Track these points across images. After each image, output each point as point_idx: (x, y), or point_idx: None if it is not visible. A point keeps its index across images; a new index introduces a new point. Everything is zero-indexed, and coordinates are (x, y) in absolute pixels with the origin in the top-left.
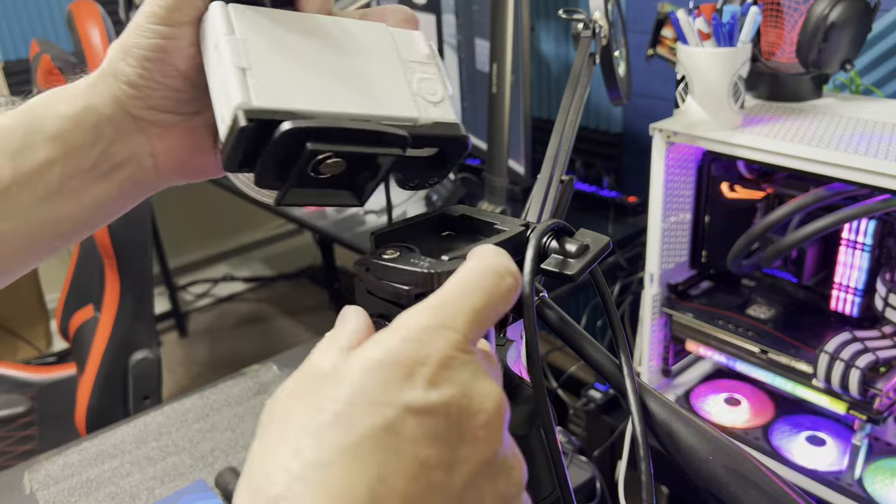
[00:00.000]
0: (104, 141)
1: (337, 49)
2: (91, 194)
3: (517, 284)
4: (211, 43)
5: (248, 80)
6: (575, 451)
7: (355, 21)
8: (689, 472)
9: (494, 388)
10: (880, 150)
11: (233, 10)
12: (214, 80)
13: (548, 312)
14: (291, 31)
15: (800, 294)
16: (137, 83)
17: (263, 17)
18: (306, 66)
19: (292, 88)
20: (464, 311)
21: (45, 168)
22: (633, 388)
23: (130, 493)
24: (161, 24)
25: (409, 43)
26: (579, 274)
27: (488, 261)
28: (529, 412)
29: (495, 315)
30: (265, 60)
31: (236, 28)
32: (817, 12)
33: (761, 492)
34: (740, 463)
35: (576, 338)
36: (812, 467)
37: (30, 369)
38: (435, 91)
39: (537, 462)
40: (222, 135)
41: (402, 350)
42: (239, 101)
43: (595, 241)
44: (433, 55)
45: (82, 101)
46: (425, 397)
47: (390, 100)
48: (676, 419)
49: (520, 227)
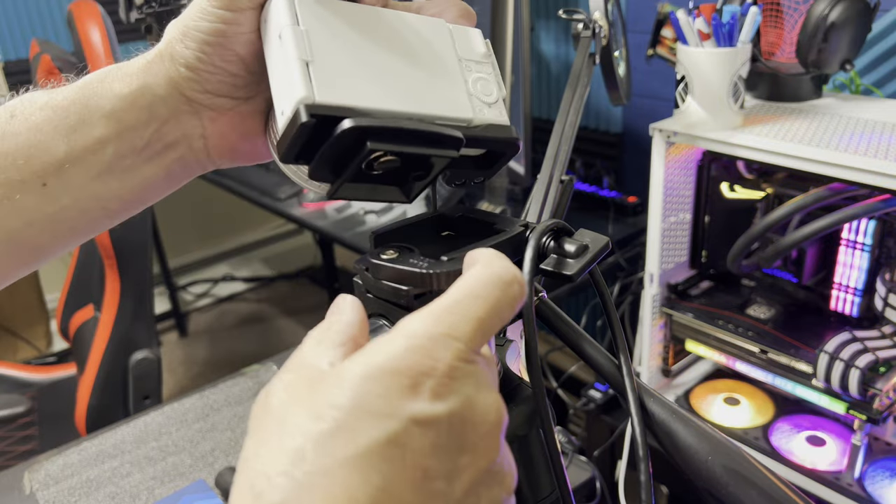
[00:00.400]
0: (157, 121)
1: (398, 45)
2: (140, 174)
3: (523, 293)
4: (274, 31)
5: (311, 73)
6: (575, 451)
7: (415, 16)
8: (689, 471)
9: (495, 397)
10: (880, 150)
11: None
12: (275, 68)
13: (547, 312)
14: (354, 24)
15: (800, 294)
16: (195, 66)
17: (327, 9)
18: (368, 61)
19: (353, 84)
20: (469, 319)
21: (99, 146)
22: (632, 388)
23: (130, 493)
24: (225, 8)
25: (467, 40)
26: (578, 274)
27: (495, 268)
28: (529, 412)
29: (500, 323)
30: (328, 54)
31: (301, 18)
32: (817, 12)
33: (760, 491)
34: (739, 463)
35: (575, 338)
36: (812, 467)
37: (30, 369)
38: (490, 92)
39: (536, 462)
40: (281, 126)
41: (407, 359)
42: (302, 95)
43: (594, 242)
44: (489, 54)
45: (138, 81)
46: (431, 409)
47: (447, 99)
48: (675, 419)
49: (519, 228)
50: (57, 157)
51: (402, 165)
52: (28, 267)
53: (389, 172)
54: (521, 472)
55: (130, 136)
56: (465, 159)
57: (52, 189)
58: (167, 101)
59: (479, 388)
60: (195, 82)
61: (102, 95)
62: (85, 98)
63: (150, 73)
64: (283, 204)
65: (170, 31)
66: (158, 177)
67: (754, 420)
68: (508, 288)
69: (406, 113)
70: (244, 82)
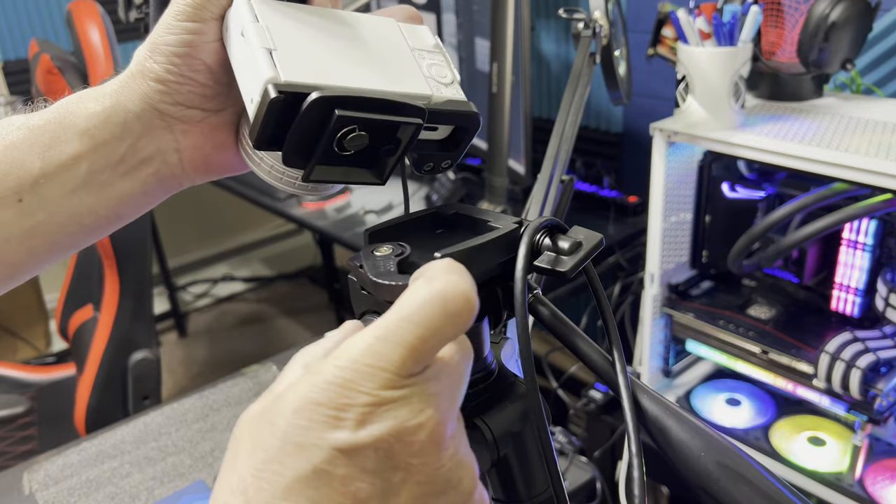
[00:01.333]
0: (131, 136)
1: (353, 35)
2: (116, 189)
3: (469, 306)
4: (236, 32)
5: (274, 59)
6: (575, 452)
7: (366, 15)
8: (680, 467)
9: (430, 414)
10: (881, 150)
11: (255, 2)
12: (241, 66)
13: (541, 309)
14: (310, 19)
15: (800, 294)
16: (165, 78)
17: (283, 8)
18: (327, 48)
19: (316, 67)
20: (399, 346)
21: (74, 162)
22: (625, 385)
23: (130, 493)
24: (189, 20)
25: (417, 34)
26: (572, 271)
27: (435, 285)
28: (523, 410)
29: (444, 341)
30: (289, 43)
31: (260, 16)
32: (818, 12)
33: (752, 487)
34: (732, 458)
35: (569, 334)
36: (813, 468)
37: (29, 369)
38: (445, 75)
39: (531, 459)
40: (251, 112)
41: (330, 392)
42: (269, 75)
43: (588, 238)
44: (439, 45)
45: (111, 100)
46: (353, 438)
47: (406, 79)
48: (668, 415)
49: (513, 225)
50: (32, 174)
51: (370, 142)
52: (4, 284)
53: (360, 154)
54: (517, 468)
55: (105, 151)
56: (430, 142)
57: (28, 205)
58: (140, 117)
59: (408, 412)
60: (166, 95)
61: (77, 114)
62: (60, 117)
63: (123, 91)
64: (283, 204)
65: (139, 52)
66: (134, 192)
67: (755, 420)
68: (449, 304)
69: (370, 90)
70: (213, 93)
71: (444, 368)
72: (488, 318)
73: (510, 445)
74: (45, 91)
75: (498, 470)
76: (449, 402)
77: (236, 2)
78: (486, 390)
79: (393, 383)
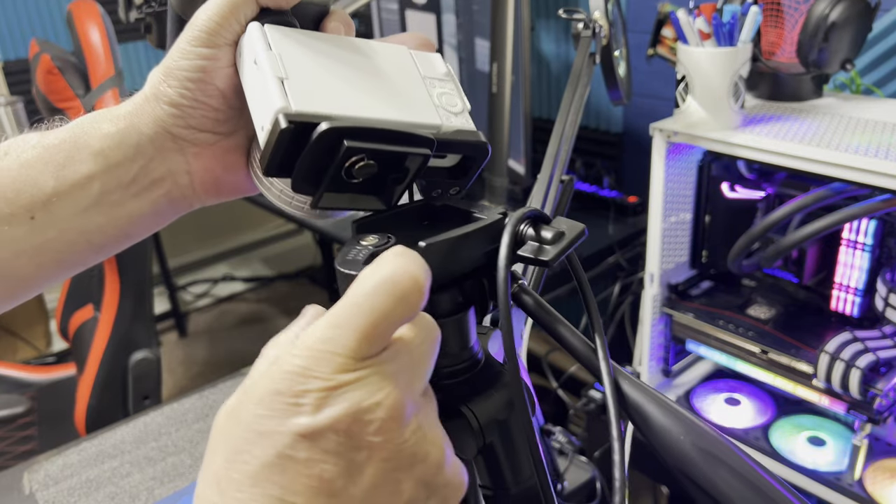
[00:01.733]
0: (144, 158)
1: (365, 63)
2: (127, 209)
3: (418, 287)
4: (249, 59)
5: (286, 88)
6: (575, 452)
7: (378, 42)
8: (661, 451)
9: (385, 394)
10: (881, 150)
11: (269, 29)
12: (253, 93)
13: (525, 299)
14: (322, 47)
15: (800, 294)
16: (179, 102)
17: (296, 36)
18: (338, 77)
19: (327, 96)
20: (353, 330)
21: (87, 182)
22: (607, 371)
23: (130, 493)
24: (203, 45)
25: (428, 62)
26: (555, 259)
27: (383, 270)
28: (508, 398)
29: (396, 323)
30: (301, 71)
31: (273, 45)
32: (818, 12)
33: (732, 471)
34: (711, 443)
35: (553, 323)
36: (812, 468)
37: (29, 369)
38: (455, 104)
39: (517, 446)
40: (262, 140)
41: (287, 380)
42: (280, 105)
43: (570, 228)
44: (450, 74)
45: (125, 122)
46: (312, 423)
47: (416, 108)
48: (649, 401)
49: (497, 215)
50: (45, 192)
51: (379, 171)
52: (13, 298)
53: (368, 181)
54: (503, 455)
55: (117, 172)
56: (440, 170)
57: (40, 222)
58: (153, 140)
59: (365, 392)
60: (179, 118)
61: (91, 135)
62: (75, 137)
63: (137, 114)
64: None
65: (153, 76)
66: (145, 212)
67: (755, 420)
68: (398, 288)
69: (379, 119)
70: (225, 117)
71: (402, 348)
72: (475, 308)
73: (496, 433)
74: (46, 91)
75: (485, 457)
76: (408, 379)
77: (250, 29)
78: (472, 379)
79: (348, 367)
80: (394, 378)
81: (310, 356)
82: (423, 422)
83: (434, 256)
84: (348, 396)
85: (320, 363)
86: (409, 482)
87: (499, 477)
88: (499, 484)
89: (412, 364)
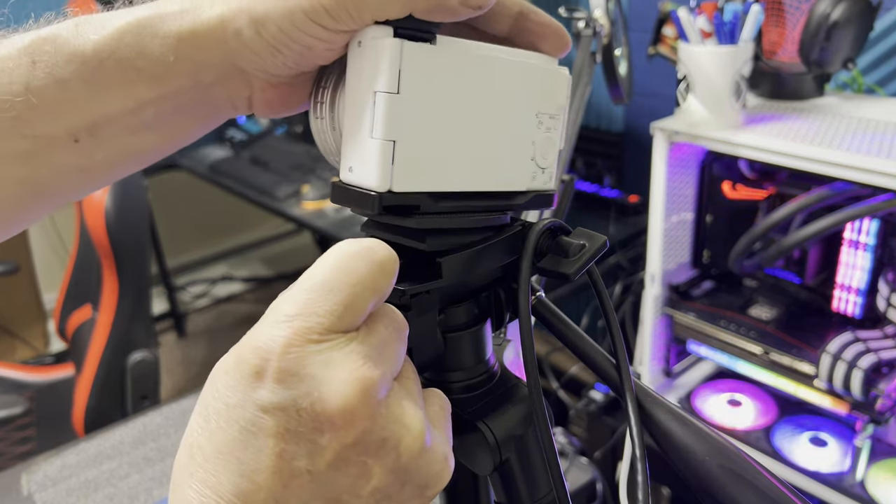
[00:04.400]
0: (204, 84)
1: (482, 108)
2: (181, 127)
3: (393, 256)
4: (367, 83)
5: (395, 156)
6: (576, 453)
7: (510, 60)
8: (685, 472)
9: (351, 371)
10: (882, 150)
11: (406, 52)
12: (355, 114)
13: (543, 312)
14: (450, 80)
15: (802, 294)
16: (262, 53)
17: (429, 60)
18: (449, 131)
19: (431, 165)
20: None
21: (138, 107)
22: (629, 388)
23: (129, 494)
24: (322, 25)
25: (552, 91)
26: (576, 273)
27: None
28: (525, 412)
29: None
30: (416, 128)
31: (403, 81)
32: (819, 11)
33: (757, 492)
34: (737, 463)
35: (572, 337)
36: (814, 469)
37: (28, 370)
38: (547, 154)
39: (534, 462)
40: (346, 179)
41: (247, 347)
42: (378, 183)
43: (592, 240)
44: (564, 106)
45: (183, 46)
46: (272, 396)
47: (510, 171)
48: (673, 419)
49: (517, 227)
50: (89, 118)
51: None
52: (46, 212)
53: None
54: (519, 472)
55: (174, 98)
56: None
57: (85, 146)
58: (217, 68)
59: (329, 367)
60: (256, 62)
61: (141, 55)
62: (120, 56)
63: (197, 40)
64: (282, 204)
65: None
66: (197, 126)
67: (756, 421)
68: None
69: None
70: (308, 71)
71: (372, 329)
72: (490, 320)
73: (513, 449)
74: None
75: (500, 473)
76: (378, 361)
77: (386, 44)
78: (488, 393)
79: (319, 338)
80: (363, 357)
81: (274, 322)
82: (395, 405)
83: (452, 269)
84: (310, 372)
85: (281, 328)
86: (379, 467)
87: (514, 494)
88: (514, 500)
89: (381, 346)
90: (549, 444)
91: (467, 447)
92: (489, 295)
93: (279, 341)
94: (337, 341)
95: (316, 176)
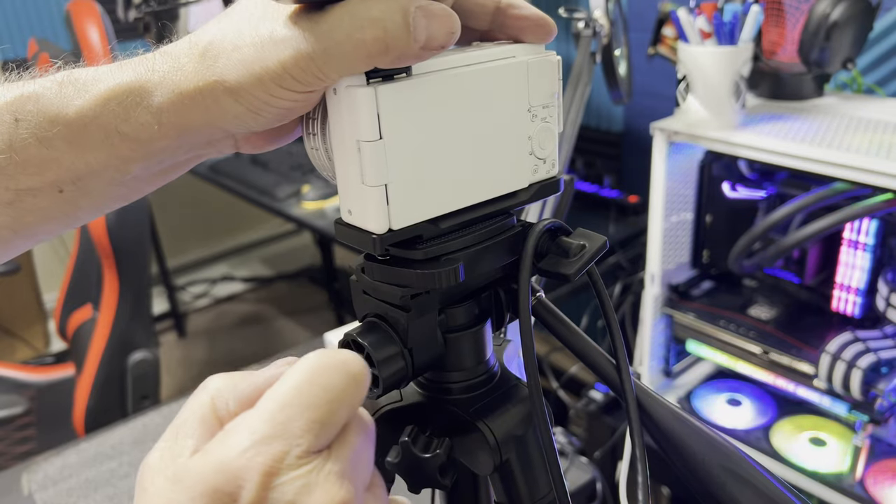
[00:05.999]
0: (189, 143)
1: (472, 119)
2: (165, 176)
3: (366, 369)
4: (350, 134)
5: (388, 196)
6: (575, 452)
7: (493, 62)
8: (685, 471)
9: (332, 496)
10: (882, 150)
11: (381, 96)
12: (345, 165)
13: (544, 313)
14: (431, 110)
15: (801, 294)
16: (244, 118)
17: (407, 96)
18: (441, 155)
19: (426, 194)
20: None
21: (123, 165)
22: (629, 389)
23: (129, 494)
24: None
25: (542, 80)
26: (576, 273)
27: (330, 353)
28: (525, 413)
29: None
30: (405, 164)
31: (383, 125)
32: (819, 11)
33: (757, 492)
34: (736, 462)
35: (572, 338)
36: (814, 468)
37: (28, 369)
38: (546, 144)
39: (534, 462)
40: (346, 218)
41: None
42: (376, 226)
43: (592, 241)
44: (557, 94)
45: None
46: None
47: (509, 172)
48: (673, 419)
49: (517, 227)
50: (74, 174)
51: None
52: (30, 247)
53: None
54: (519, 472)
55: (158, 155)
56: None
57: (70, 195)
58: (202, 131)
59: (310, 493)
60: (239, 125)
61: (125, 122)
62: (104, 122)
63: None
64: (282, 204)
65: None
66: (184, 170)
67: (756, 421)
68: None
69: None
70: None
71: (346, 443)
72: (491, 320)
73: (513, 449)
74: None
75: (501, 473)
76: (353, 477)
77: (361, 96)
78: (488, 393)
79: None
80: (340, 478)
81: (246, 449)
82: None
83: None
84: (295, 500)
85: (259, 454)
86: None
87: (515, 494)
88: (514, 501)
89: (354, 457)
90: (549, 444)
91: (468, 447)
92: (489, 295)
93: (257, 469)
94: (315, 463)
95: (316, 176)
